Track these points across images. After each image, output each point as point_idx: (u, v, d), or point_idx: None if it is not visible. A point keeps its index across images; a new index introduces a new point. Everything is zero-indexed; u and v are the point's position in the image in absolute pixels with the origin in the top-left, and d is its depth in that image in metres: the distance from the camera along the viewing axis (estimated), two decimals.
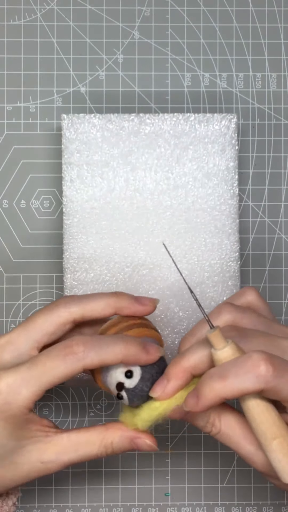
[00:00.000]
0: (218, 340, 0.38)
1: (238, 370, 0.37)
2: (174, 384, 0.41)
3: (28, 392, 0.41)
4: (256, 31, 0.58)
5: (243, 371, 0.37)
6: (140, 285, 0.53)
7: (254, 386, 0.37)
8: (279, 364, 0.37)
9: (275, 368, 0.37)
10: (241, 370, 0.37)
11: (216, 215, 0.54)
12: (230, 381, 0.37)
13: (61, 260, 0.54)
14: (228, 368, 0.38)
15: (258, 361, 0.37)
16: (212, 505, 0.57)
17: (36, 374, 0.41)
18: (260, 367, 0.37)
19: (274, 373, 0.37)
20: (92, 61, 0.58)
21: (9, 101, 0.57)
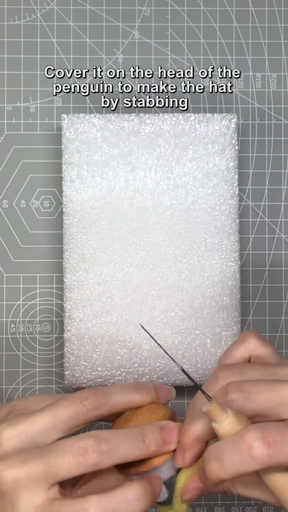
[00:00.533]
0: (216, 414, 0.36)
1: (233, 453, 0.35)
2: (191, 453, 0.40)
3: None
4: (256, 31, 0.58)
5: (237, 454, 0.35)
6: (140, 285, 0.53)
7: (251, 467, 0.35)
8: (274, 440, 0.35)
9: (270, 447, 0.35)
10: (236, 454, 0.35)
11: (216, 215, 0.54)
12: (226, 465, 0.35)
13: (61, 260, 0.54)
14: (223, 451, 0.36)
15: (251, 441, 0.35)
16: (212, 505, 0.57)
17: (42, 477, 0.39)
18: (254, 449, 0.34)
19: (270, 452, 0.34)
20: (92, 61, 0.58)
21: (9, 101, 0.57)
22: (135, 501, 0.39)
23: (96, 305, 0.53)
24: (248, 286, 0.58)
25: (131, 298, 0.53)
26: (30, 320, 0.57)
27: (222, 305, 0.53)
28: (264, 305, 0.58)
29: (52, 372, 0.57)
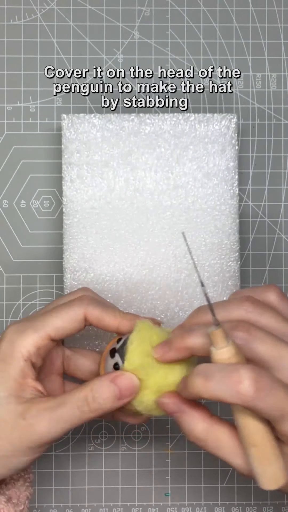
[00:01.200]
0: (219, 339, 0.38)
1: (222, 378, 0.37)
2: (174, 355, 0.41)
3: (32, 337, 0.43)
4: (256, 31, 0.58)
5: (226, 381, 0.37)
6: (140, 285, 0.53)
7: (232, 399, 0.37)
8: (263, 387, 0.36)
9: (257, 390, 0.36)
10: (225, 380, 0.37)
11: (216, 215, 0.54)
12: (212, 386, 0.37)
13: (61, 260, 0.54)
14: (214, 372, 0.37)
15: (243, 378, 0.36)
16: (212, 505, 0.57)
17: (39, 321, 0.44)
18: (243, 385, 0.36)
19: (255, 394, 0.36)
20: (92, 61, 0.58)
21: (9, 101, 0.57)
22: None
23: None
24: (248, 286, 0.58)
25: (131, 298, 0.53)
26: None
27: None
28: None
29: None
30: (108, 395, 0.42)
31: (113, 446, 0.57)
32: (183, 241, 0.54)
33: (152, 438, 0.57)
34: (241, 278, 0.56)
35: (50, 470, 0.56)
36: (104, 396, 0.42)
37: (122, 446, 0.57)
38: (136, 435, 0.57)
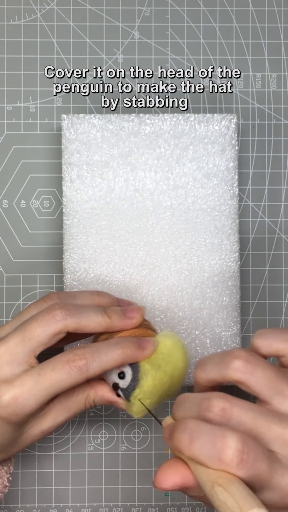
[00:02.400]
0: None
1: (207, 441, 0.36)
2: None
3: (36, 403, 0.43)
4: (256, 31, 0.58)
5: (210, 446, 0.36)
6: (140, 285, 0.53)
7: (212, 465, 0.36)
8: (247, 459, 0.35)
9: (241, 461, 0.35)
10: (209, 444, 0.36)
11: (216, 215, 0.54)
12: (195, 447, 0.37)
13: (61, 260, 0.54)
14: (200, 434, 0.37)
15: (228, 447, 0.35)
16: None
17: (43, 387, 0.43)
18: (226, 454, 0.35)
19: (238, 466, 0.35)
20: (92, 61, 0.58)
21: (9, 101, 0.57)
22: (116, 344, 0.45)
23: None
24: (248, 286, 0.58)
25: (131, 298, 0.53)
26: None
27: (222, 305, 0.53)
28: (264, 305, 0.58)
29: None
30: (104, 404, 0.49)
31: (113, 446, 0.57)
32: (183, 241, 0.54)
33: (152, 438, 0.57)
34: (241, 278, 0.56)
35: (50, 470, 0.56)
36: (102, 404, 0.49)
37: (122, 446, 0.57)
38: (136, 435, 0.57)
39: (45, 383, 0.43)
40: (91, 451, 0.57)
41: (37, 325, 0.44)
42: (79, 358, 0.43)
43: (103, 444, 0.57)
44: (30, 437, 0.46)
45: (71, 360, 0.43)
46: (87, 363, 0.43)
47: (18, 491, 0.56)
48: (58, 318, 0.44)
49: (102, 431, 0.57)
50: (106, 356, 0.44)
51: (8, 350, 0.44)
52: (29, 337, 0.44)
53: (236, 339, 0.53)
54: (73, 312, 0.45)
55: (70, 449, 0.57)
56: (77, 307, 0.46)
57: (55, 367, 0.43)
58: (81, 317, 0.45)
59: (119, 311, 0.47)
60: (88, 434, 0.57)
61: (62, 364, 0.43)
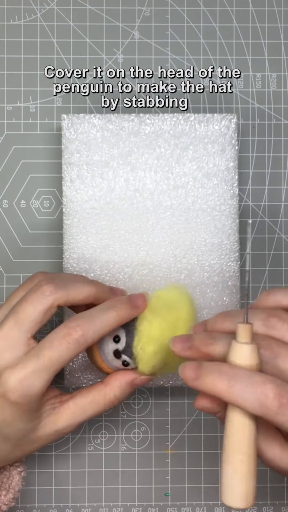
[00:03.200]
0: (245, 334, 0.38)
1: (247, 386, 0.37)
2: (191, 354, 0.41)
3: (42, 382, 0.43)
4: (256, 31, 0.58)
5: (251, 390, 0.37)
6: (140, 285, 0.53)
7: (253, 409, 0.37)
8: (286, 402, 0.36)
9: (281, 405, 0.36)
10: (250, 389, 0.37)
11: (216, 215, 0.54)
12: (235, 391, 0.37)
13: (61, 260, 0.54)
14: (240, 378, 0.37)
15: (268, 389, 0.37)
16: (212, 505, 0.57)
17: (45, 365, 0.43)
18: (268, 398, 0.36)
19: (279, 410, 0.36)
20: (92, 61, 0.58)
21: (9, 101, 0.57)
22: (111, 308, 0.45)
23: None
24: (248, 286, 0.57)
25: None
26: None
27: (222, 305, 0.53)
28: None
29: None
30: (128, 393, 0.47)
31: (113, 446, 0.57)
32: (183, 241, 0.54)
33: (152, 438, 0.57)
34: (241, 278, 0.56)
35: (50, 470, 0.56)
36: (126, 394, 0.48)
37: (122, 446, 0.57)
38: (136, 435, 0.57)
39: (45, 362, 0.43)
40: (91, 451, 0.57)
41: (27, 305, 0.45)
42: (75, 331, 0.43)
43: (103, 444, 0.57)
44: (44, 436, 0.46)
45: (67, 334, 0.43)
46: (84, 333, 0.43)
47: None
48: (47, 293, 0.45)
49: (102, 431, 0.57)
50: (101, 322, 0.44)
51: (5, 336, 0.44)
52: (22, 319, 0.44)
53: None
54: (61, 285, 0.45)
55: (70, 449, 0.57)
56: (64, 280, 0.46)
57: (53, 345, 0.43)
58: (70, 289, 0.45)
59: (105, 285, 0.48)
60: (88, 434, 0.57)
61: (59, 340, 0.43)
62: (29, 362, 0.43)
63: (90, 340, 0.44)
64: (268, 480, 0.57)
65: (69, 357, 0.43)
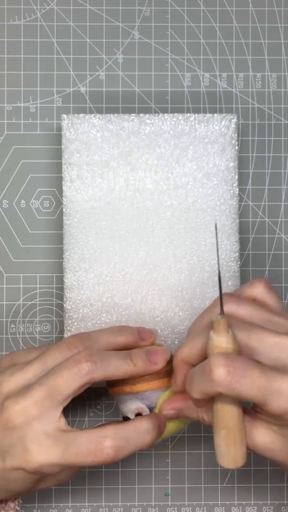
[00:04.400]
0: (221, 328, 0.40)
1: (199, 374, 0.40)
2: (180, 375, 0.44)
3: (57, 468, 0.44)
4: (256, 31, 0.58)
5: (201, 375, 0.39)
6: (140, 285, 0.53)
7: (211, 389, 0.39)
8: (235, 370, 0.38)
9: (229, 373, 0.38)
10: (201, 374, 0.39)
11: (216, 215, 0.54)
12: (195, 384, 0.40)
13: (61, 260, 0.54)
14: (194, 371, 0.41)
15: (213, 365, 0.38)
16: (212, 505, 0.57)
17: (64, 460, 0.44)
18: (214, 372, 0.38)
19: (228, 378, 0.38)
20: (92, 61, 0.58)
21: (9, 101, 0.57)
22: (145, 432, 0.44)
23: (96, 305, 0.53)
24: None
25: (131, 298, 0.53)
26: (30, 320, 0.57)
27: None
28: None
29: None
30: None
31: None
32: (183, 241, 0.54)
33: None
34: (241, 278, 0.56)
35: None
36: None
37: None
38: None
39: (68, 459, 0.43)
40: None
41: (63, 381, 0.44)
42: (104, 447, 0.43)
43: None
44: (46, 485, 0.47)
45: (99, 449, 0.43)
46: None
47: None
48: (84, 372, 0.44)
49: None
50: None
51: (36, 404, 0.44)
52: (56, 393, 0.44)
53: None
54: (99, 364, 0.44)
55: None
56: (102, 356, 0.45)
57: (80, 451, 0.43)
58: (107, 367, 0.45)
59: (144, 356, 0.47)
60: None
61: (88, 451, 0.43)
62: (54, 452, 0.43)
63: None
64: (268, 480, 0.57)
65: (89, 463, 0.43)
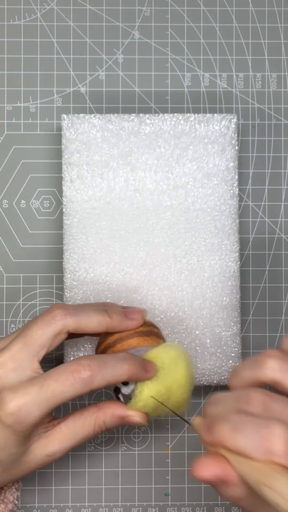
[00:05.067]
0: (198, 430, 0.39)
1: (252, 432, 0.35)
2: None
3: (39, 413, 0.43)
4: (256, 31, 0.58)
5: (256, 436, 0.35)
6: (140, 285, 0.53)
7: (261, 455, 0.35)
8: None
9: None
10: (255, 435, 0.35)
11: (216, 215, 0.54)
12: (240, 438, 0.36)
13: (61, 260, 0.54)
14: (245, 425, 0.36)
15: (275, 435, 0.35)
16: (212, 505, 0.57)
17: (46, 397, 0.42)
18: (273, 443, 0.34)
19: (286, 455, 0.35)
20: (92, 61, 0.58)
21: (9, 101, 0.57)
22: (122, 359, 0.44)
23: None
24: (248, 286, 0.58)
25: (131, 298, 0.53)
26: None
27: (222, 305, 0.53)
28: (264, 305, 0.58)
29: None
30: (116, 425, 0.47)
31: (113, 446, 0.57)
32: (183, 241, 0.54)
33: (152, 438, 0.57)
34: (241, 278, 0.56)
35: (50, 470, 0.56)
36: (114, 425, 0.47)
37: (122, 446, 0.57)
38: (136, 435, 0.57)
39: (48, 393, 0.42)
40: (91, 451, 0.57)
41: (37, 328, 0.44)
42: (84, 369, 0.43)
43: (103, 444, 0.57)
44: (33, 460, 0.45)
45: (76, 370, 0.43)
46: (92, 375, 0.43)
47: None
48: (57, 318, 0.44)
49: None
50: (112, 371, 0.44)
51: (12, 357, 0.44)
52: (30, 342, 0.44)
53: (236, 339, 0.53)
54: (73, 312, 0.45)
55: None
56: (76, 307, 0.46)
57: (59, 378, 0.43)
58: (81, 316, 0.45)
59: (120, 311, 0.47)
60: None
61: (66, 375, 0.43)
62: (31, 389, 0.43)
63: (96, 384, 0.43)
64: None
65: (71, 395, 0.43)
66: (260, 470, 0.34)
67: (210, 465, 0.37)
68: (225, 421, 0.37)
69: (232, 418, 0.36)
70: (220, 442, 0.36)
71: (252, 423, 0.35)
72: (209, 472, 0.36)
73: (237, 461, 0.36)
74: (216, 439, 0.37)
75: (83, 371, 0.43)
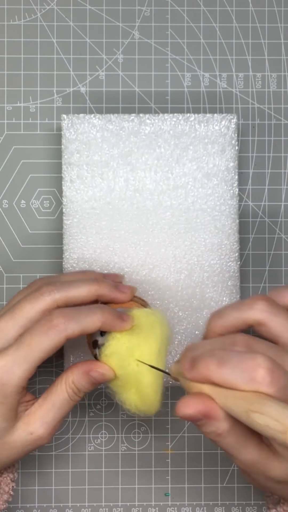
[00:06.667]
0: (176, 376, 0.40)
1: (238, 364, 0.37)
2: None
3: (21, 371, 0.43)
4: (256, 31, 0.58)
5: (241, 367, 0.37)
6: (140, 285, 0.53)
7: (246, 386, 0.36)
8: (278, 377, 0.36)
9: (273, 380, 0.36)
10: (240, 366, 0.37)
11: (216, 215, 0.54)
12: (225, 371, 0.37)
13: (61, 260, 0.54)
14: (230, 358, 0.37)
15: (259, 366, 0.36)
16: (212, 505, 0.57)
17: (24, 353, 0.43)
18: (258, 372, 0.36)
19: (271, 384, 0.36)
20: (92, 61, 0.58)
21: (9, 101, 0.57)
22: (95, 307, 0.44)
23: None
24: (248, 286, 0.58)
25: None
26: None
27: (222, 305, 0.53)
28: None
29: (53, 372, 0.57)
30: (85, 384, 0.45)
31: (113, 446, 0.57)
32: (183, 241, 0.54)
33: (152, 438, 0.57)
34: (241, 278, 0.56)
35: (50, 470, 0.56)
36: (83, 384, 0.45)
37: (122, 446, 0.57)
38: (136, 435, 0.57)
39: (25, 348, 0.43)
40: (91, 451, 0.57)
41: (26, 303, 0.45)
42: (57, 317, 0.43)
43: (103, 444, 0.57)
44: (19, 440, 0.45)
45: (49, 320, 0.43)
46: (65, 322, 0.43)
47: (18, 491, 0.56)
48: (45, 294, 0.45)
49: (102, 431, 0.57)
50: (86, 316, 0.44)
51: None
52: (19, 315, 0.45)
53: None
54: (60, 286, 0.45)
55: (70, 449, 0.57)
56: (64, 281, 0.46)
57: (34, 332, 0.43)
58: (69, 289, 0.45)
59: (110, 282, 0.47)
60: (88, 434, 0.57)
61: (40, 326, 0.43)
62: (9, 349, 0.43)
63: (70, 331, 0.43)
64: None
65: (49, 346, 0.43)
66: (247, 398, 0.36)
67: (193, 402, 0.38)
68: (210, 355, 0.38)
69: (217, 353, 0.38)
70: (205, 376, 0.38)
71: (237, 355, 0.37)
72: (192, 408, 0.38)
73: (222, 395, 0.37)
74: (200, 374, 0.38)
75: (56, 319, 0.43)
